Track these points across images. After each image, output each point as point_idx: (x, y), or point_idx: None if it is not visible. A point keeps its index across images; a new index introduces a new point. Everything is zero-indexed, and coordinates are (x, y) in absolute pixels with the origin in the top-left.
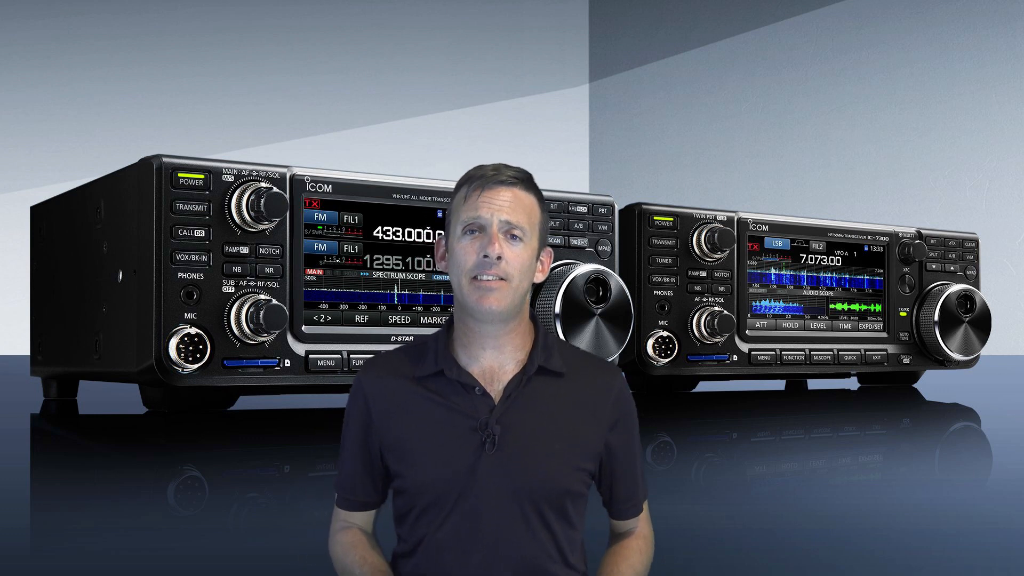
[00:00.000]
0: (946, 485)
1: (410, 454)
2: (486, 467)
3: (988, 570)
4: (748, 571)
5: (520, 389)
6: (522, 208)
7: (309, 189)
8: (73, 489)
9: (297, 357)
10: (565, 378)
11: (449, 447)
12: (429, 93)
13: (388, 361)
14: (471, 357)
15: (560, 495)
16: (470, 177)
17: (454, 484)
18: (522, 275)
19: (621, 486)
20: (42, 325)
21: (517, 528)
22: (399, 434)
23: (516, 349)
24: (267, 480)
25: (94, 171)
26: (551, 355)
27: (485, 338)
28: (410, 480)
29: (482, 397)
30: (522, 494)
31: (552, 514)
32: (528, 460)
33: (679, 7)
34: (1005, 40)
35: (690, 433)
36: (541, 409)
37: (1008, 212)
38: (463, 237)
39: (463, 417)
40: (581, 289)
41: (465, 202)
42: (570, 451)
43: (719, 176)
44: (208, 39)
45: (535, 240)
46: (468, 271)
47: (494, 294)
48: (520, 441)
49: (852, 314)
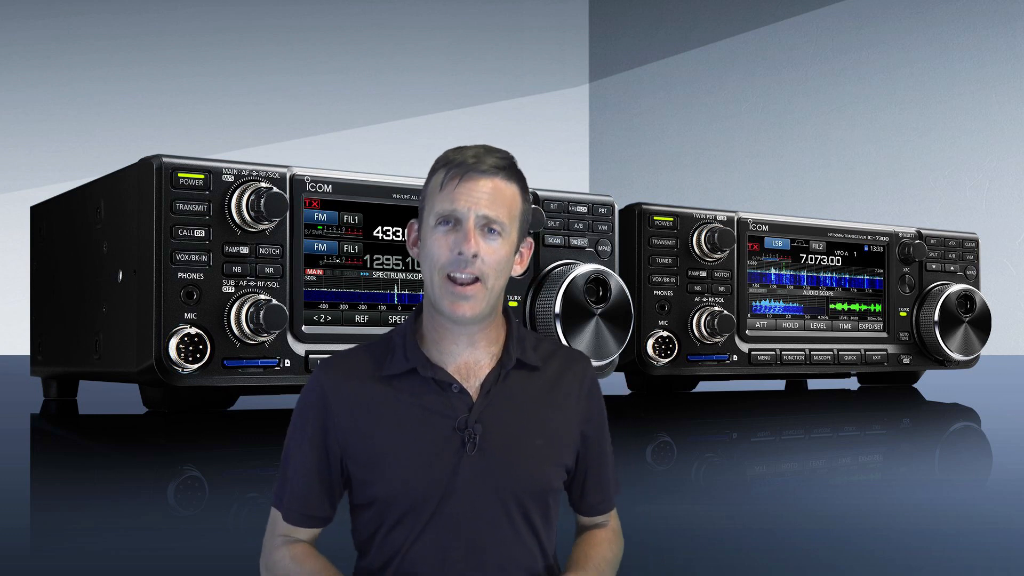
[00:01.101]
0: (946, 485)
1: (382, 460)
2: (468, 469)
3: (988, 570)
4: (748, 571)
5: (497, 385)
6: (502, 201)
7: (309, 189)
8: (73, 489)
9: (297, 357)
10: (540, 371)
11: (427, 450)
12: (429, 93)
13: (350, 361)
14: (443, 352)
15: (544, 493)
16: (448, 161)
17: (434, 489)
18: (498, 273)
19: (594, 479)
20: (42, 325)
21: (502, 530)
22: (368, 440)
23: (490, 343)
24: (267, 480)
25: (94, 171)
26: (525, 348)
27: (458, 335)
28: (383, 489)
29: (459, 395)
30: (506, 494)
31: (536, 512)
32: (511, 459)
33: (679, 7)
34: (1005, 40)
35: (690, 433)
36: (520, 405)
37: (1008, 212)
38: (437, 228)
39: (440, 417)
40: (581, 289)
41: (441, 189)
42: (551, 447)
43: (719, 176)
44: (208, 39)
45: (515, 233)
46: (441, 267)
47: (468, 302)
48: (502, 440)
49: (852, 314)
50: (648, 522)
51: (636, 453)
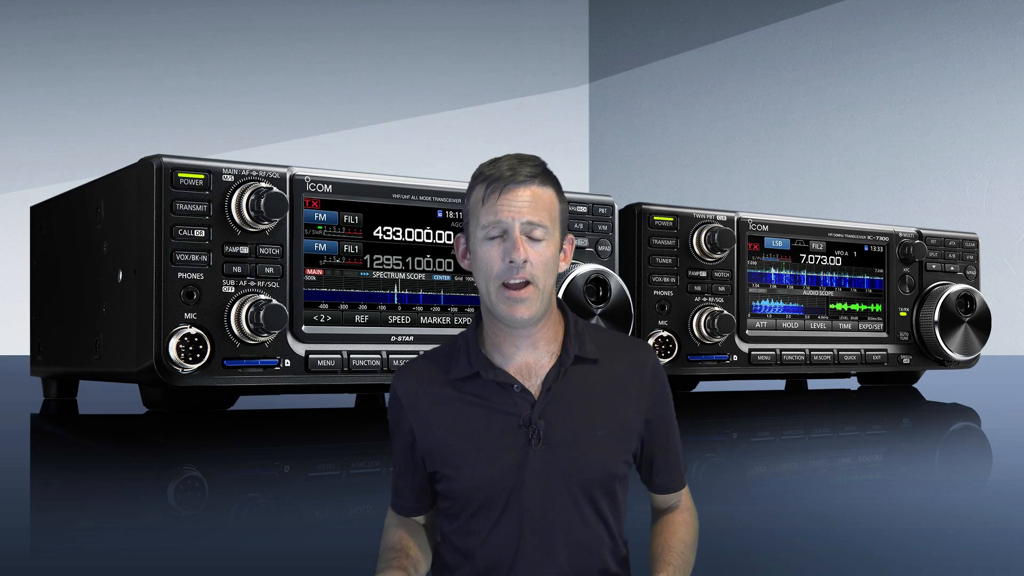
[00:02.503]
0: (946, 485)
1: (455, 457)
2: (534, 463)
3: (988, 570)
4: (748, 571)
5: (558, 381)
6: (542, 205)
7: (309, 189)
8: (73, 489)
9: (297, 357)
10: (599, 363)
11: (494, 446)
12: (429, 93)
13: (420, 367)
14: (505, 356)
15: (610, 480)
16: (486, 177)
17: (504, 483)
18: (547, 273)
19: (662, 461)
20: (42, 325)
21: (571, 518)
22: (442, 438)
23: (549, 342)
24: (267, 480)
25: (94, 171)
26: (584, 342)
27: (518, 338)
28: (459, 483)
29: (521, 394)
30: (573, 484)
31: (604, 500)
32: (576, 450)
33: (679, 7)
34: (1005, 40)
35: (690, 433)
36: (581, 398)
37: (1008, 212)
38: (485, 242)
39: (505, 416)
40: (581, 289)
41: (483, 204)
42: (614, 436)
43: (719, 176)
44: (208, 39)
45: (557, 233)
46: (495, 277)
47: (524, 304)
48: (565, 433)
49: (852, 314)
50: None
51: None
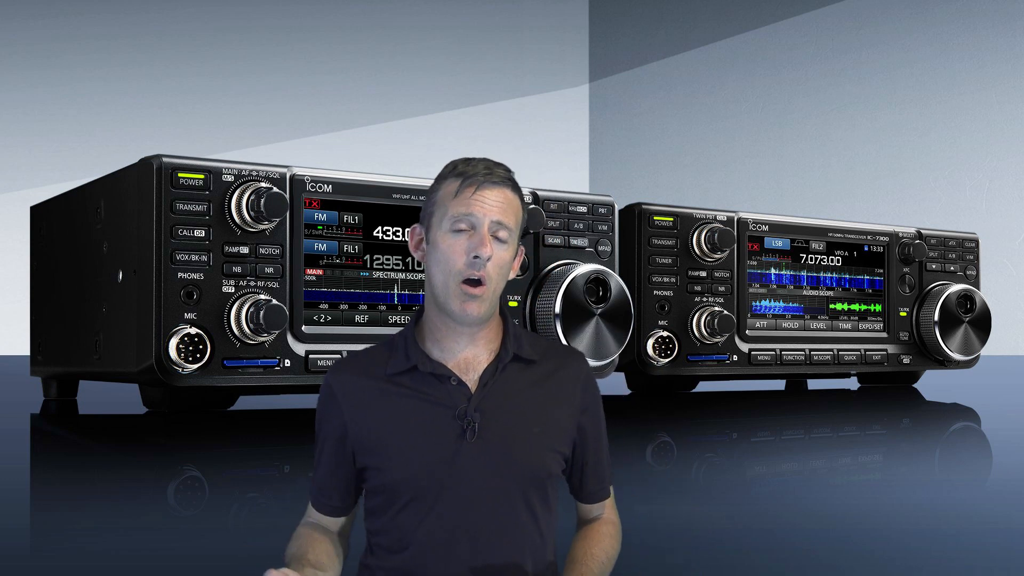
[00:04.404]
0: (946, 485)
1: (387, 448)
2: (468, 455)
3: (988, 570)
4: (748, 571)
5: (495, 377)
6: (511, 209)
7: (309, 189)
8: (73, 489)
9: (297, 357)
10: (536, 365)
11: (428, 438)
12: (429, 93)
13: (357, 361)
14: (444, 351)
15: (542, 477)
16: (461, 172)
17: (436, 475)
18: (500, 277)
19: (593, 469)
20: (42, 325)
21: (503, 515)
22: (374, 430)
23: (489, 340)
24: (267, 480)
25: (94, 171)
26: (522, 343)
27: (460, 335)
28: (389, 476)
29: (458, 387)
30: (507, 479)
31: (536, 497)
32: (510, 445)
33: (679, 7)
34: (1005, 40)
35: (690, 433)
36: (518, 394)
37: (1008, 212)
38: (452, 234)
39: (440, 408)
40: (581, 289)
41: (456, 197)
42: (548, 434)
43: (719, 176)
44: (208, 39)
45: (516, 242)
46: (456, 273)
47: (476, 301)
48: (500, 427)
49: (852, 314)
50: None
51: (636, 453)
